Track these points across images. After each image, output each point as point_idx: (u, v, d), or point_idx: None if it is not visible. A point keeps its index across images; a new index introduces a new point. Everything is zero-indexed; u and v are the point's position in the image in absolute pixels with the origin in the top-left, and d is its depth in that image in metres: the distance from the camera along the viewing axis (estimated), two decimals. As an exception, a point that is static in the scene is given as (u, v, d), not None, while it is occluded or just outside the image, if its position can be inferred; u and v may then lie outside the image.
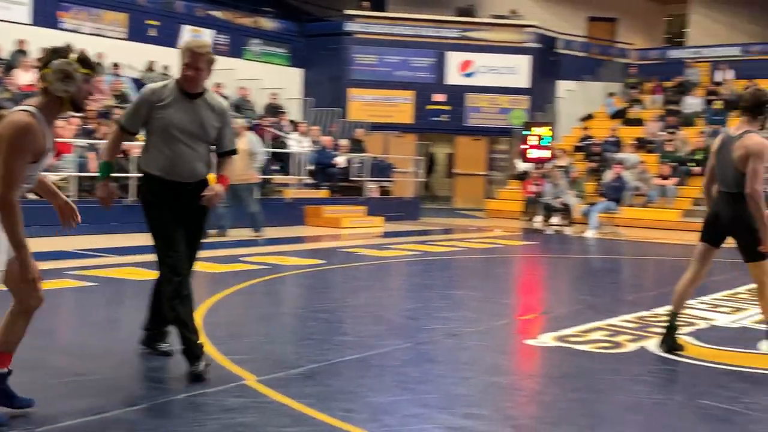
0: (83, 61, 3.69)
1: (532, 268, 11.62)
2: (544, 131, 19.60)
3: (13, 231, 3.54)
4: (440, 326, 6.30)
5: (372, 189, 17.96)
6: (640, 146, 21.09)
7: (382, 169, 18.82)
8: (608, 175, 18.72)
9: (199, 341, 4.57)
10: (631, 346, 5.80)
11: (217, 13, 22.58)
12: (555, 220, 17.08)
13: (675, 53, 26.42)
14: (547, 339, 5.97)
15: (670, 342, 5.65)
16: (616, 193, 18.53)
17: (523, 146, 19.97)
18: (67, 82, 3.61)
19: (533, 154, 19.41)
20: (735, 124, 5.61)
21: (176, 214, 4.59)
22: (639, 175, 19.17)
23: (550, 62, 24.57)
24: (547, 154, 19.43)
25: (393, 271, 10.34)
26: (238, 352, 5.09)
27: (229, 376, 4.54)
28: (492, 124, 23.90)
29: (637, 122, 22.72)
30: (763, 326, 5.76)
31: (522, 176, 20.74)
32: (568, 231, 16.68)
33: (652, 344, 5.86)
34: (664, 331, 5.72)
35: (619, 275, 11.16)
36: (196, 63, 4.52)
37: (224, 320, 6.26)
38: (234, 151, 4.88)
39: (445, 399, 4.37)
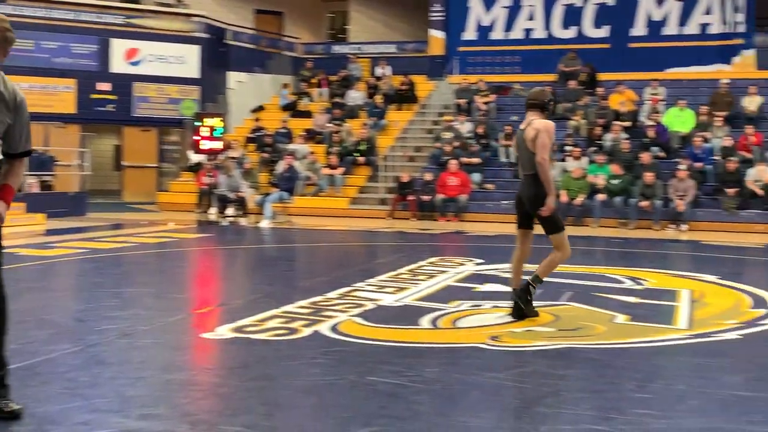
0: None
1: (208, 261, 11.54)
2: (215, 122, 19.53)
3: None
4: (111, 326, 6.03)
5: (31, 184, 16.74)
6: (310, 137, 21.80)
7: (42, 163, 17.60)
8: (280, 166, 19.14)
9: None
10: (306, 331, 5.98)
11: None
12: (230, 211, 17.11)
13: (338, 48, 27.63)
14: (224, 331, 5.96)
15: (520, 312, 6.50)
16: (288, 183, 18.98)
17: (195, 137, 19.74)
18: None
19: (206, 145, 19.26)
20: (525, 121, 6.64)
21: None
22: (309, 166, 19.81)
23: (220, 53, 24.52)
24: (219, 145, 19.39)
25: (58, 271, 9.72)
26: None
27: None
28: (162, 115, 23.35)
29: (307, 114, 23.45)
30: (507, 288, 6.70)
31: (195, 168, 20.50)
32: (243, 222, 16.80)
33: (326, 327, 6.09)
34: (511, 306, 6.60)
35: (293, 263, 11.45)
36: None
37: None
38: (29, 153, 4.05)
39: (119, 401, 4.19)
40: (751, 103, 19.88)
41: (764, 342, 6.02)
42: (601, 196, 17.12)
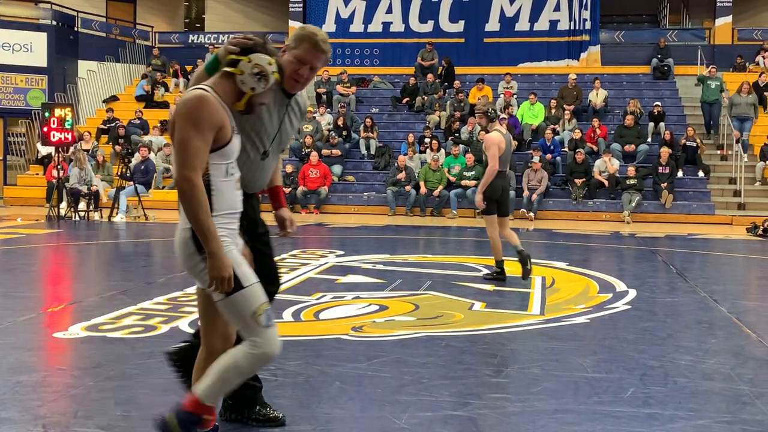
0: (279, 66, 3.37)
1: (59, 258, 11.07)
2: (65, 113, 18.73)
3: (195, 216, 3.04)
4: (-46, 328, 5.70)
5: None
6: (166, 129, 21.26)
7: None
8: (136, 158, 18.58)
9: None
10: (165, 328, 5.85)
11: None
12: (82, 205, 16.46)
13: (195, 38, 27.05)
14: (78, 330, 5.75)
15: (527, 273, 8.05)
16: (144, 176, 18.48)
17: (44, 129, 18.88)
18: (259, 80, 3.23)
19: (55, 136, 18.44)
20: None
21: None
22: (166, 158, 19.33)
23: (70, 41, 23.52)
24: (70, 136, 18.61)
25: None
26: None
27: None
28: (6, 105, 22.17)
29: (163, 105, 22.86)
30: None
31: (44, 160, 19.62)
32: (96, 216, 16.22)
33: (185, 323, 5.97)
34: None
35: (150, 258, 11.16)
36: None
37: None
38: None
39: (-37, 408, 3.97)
40: (596, 97, 20.86)
41: (611, 325, 6.34)
42: (465, 183, 17.55)
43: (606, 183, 17.48)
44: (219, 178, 3.20)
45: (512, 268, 9.44)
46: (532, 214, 16.98)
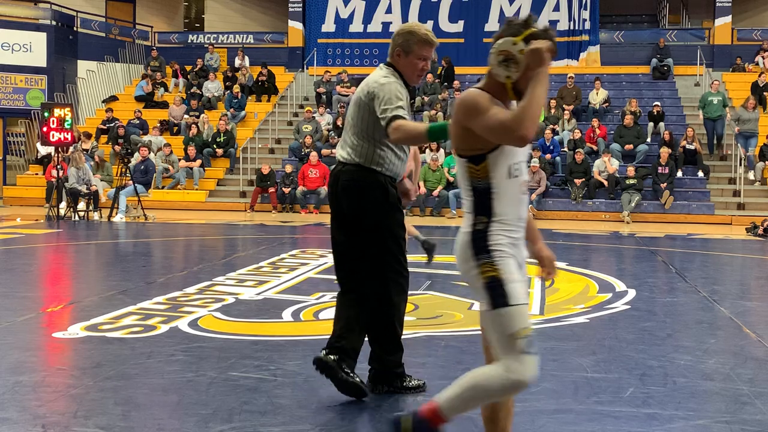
0: (535, 36, 2.89)
1: (58, 258, 11.07)
2: (65, 113, 18.73)
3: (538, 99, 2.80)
4: (-47, 328, 5.70)
5: None
6: (165, 129, 21.26)
7: None
8: (135, 158, 18.59)
9: None
10: (164, 328, 5.85)
11: None
12: (81, 205, 16.46)
13: (195, 38, 27.04)
14: (77, 330, 5.75)
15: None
16: (143, 176, 18.49)
17: (43, 129, 18.88)
18: (508, 66, 2.88)
19: (55, 136, 18.44)
20: None
21: None
22: (166, 158, 19.33)
23: (69, 41, 23.51)
24: (69, 136, 18.61)
25: None
26: None
27: None
28: (6, 105, 22.16)
29: (162, 105, 22.85)
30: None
31: (44, 160, 19.62)
32: (96, 216, 16.22)
33: (184, 323, 5.97)
34: None
35: (150, 258, 11.15)
36: None
37: None
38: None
39: (-38, 408, 3.97)
40: (596, 97, 20.86)
41: (611, 325, 6.34)
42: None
43: (605, 183, 17.48)
44: (501, 180, 2.97)
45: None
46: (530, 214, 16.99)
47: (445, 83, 22.14)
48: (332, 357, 4.19)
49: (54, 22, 22.99)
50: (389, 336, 4.32)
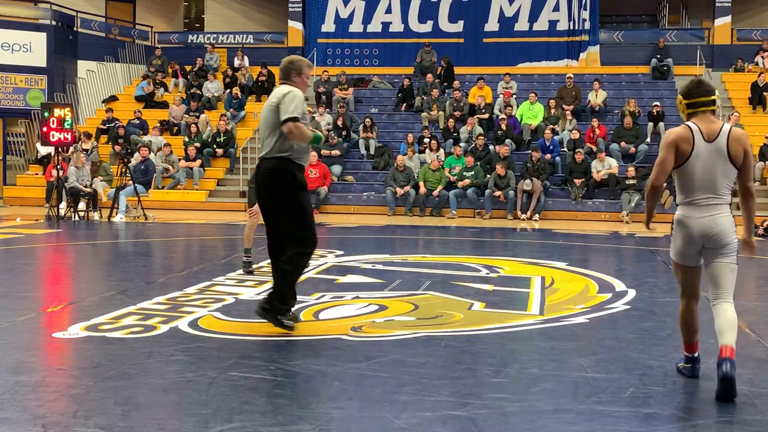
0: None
1: (58, 258, 11.07)
2: (65, 113, 18.73)
3: None
4: (-46, 328, 5.69)
5: None
6: (165, 129, 21.25)
7: None
8: (135, 158, 18.58)
9: None
10: (164, 328, 5.85)
11: None
12: (81, 205, 16.46)
13: (195, 38, 27.03)
14: (77, 330, 5.75)
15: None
16: (143, 175, 18.48)
17: (43, 129, 18.88)
18: None
19: (55, 136, 18.45)
20: None
21: None
22: (166, 158, 19.33)
23: (69, 41, 23.51)
24: (69, 136, 18.61)
25: None
26: None
27: None
28: (6, 105, 22.16)
29: (163, 105, 22.85)
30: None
31: (44, 160, 19.61)
32: (96, 216, 16.21)
33: (185, 323, 5.97)
34: None
35: (150, 258, 11.15)
36: None
37: None
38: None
39: (-37, 408, 3.97)
40: (595, 97, 20.86)
41: (611, 325, 6.34)
42: (461, 183, 17.57)
43: (598, 178, 17.44)
44: None
45: (512, 268, 9.44)
46: (525, 215, 16.97)
47: (445, 83, 22.13)
48: (268, 306, 5.79)
49: (54, 22, 22.98)
50: (292, 287, 5.84)
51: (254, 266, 8.74)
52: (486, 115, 20.21)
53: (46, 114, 16.50)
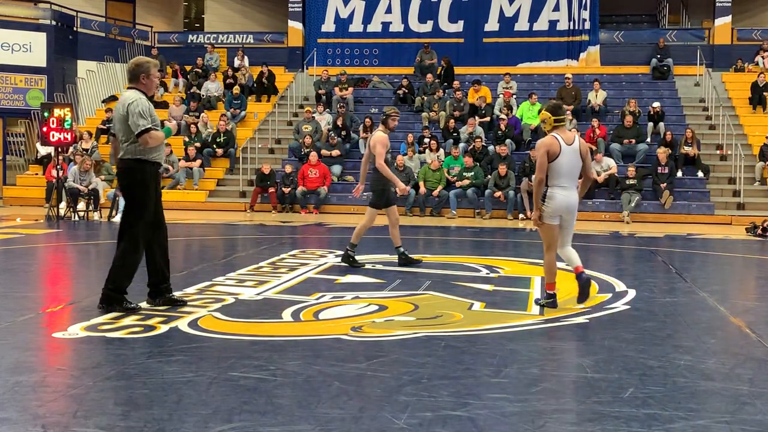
0: None
1: (58, 258, 11.07)
2: (65, 113, 18.73)
3: None
4: (-47, 328, 5.69)
5: None
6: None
7: None
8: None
9: None
10: (164, 328, 5.84)
11: None
12: (81, 205, 16.46)
13: (195, 38, 27.03)
14: (77, 330, 5.74)
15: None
16: (143, 176, 18.41)
17: (43, 129, 18.89)
18: None
19: (55, 136, 18.46)
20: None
21: None
22: (166, 158, 19.31)
23: (69, 41, 23.51)
24: (69, 136, 18.61)
25: None
26: None
27: None
28: (6, 105, 22.17)
29: (162, 105, 22.83)
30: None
31: (44, 160, 19.61)
32: (96, 216, 16.21)
33: (184, 323, 5.97)
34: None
35: (149, 258, 11.12)
36: None
37: None
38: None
39: (-38, 408, 3.96)
40: (596, 97, 20.86)
41: (611, 325, 6.34)
42: (459, 183, 17.57)
43: (598, 178, 17.44)
44: None
45: (512, 268, 9.44)
46: (524, 214, 16.99)
47: (445, 83, 22.13)
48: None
49: (54, 22, 22.99)
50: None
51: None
52: (487, 119, 20.20)
53: (45, 114, 16.50)
